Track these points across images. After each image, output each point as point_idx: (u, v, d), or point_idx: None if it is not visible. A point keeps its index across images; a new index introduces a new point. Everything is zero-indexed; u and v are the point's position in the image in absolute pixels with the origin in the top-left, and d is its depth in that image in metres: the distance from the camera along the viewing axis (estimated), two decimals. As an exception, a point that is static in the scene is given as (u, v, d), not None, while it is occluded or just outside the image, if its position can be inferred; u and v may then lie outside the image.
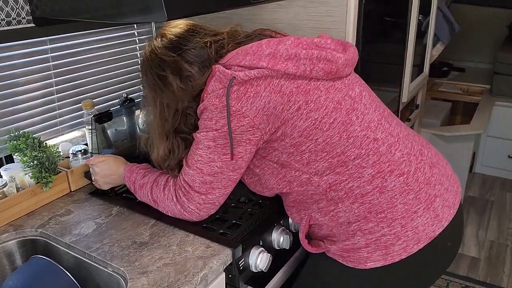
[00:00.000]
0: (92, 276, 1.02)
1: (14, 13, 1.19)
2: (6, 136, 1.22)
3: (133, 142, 1.48)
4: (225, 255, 0.99)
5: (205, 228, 1.08)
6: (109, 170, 1.18)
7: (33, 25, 1.23)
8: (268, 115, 0.92)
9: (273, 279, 1.15)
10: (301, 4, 1.43)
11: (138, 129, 1.55)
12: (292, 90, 0.92)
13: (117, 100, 1.55)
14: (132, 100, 1.50)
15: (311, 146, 0.93)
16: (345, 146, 0.93)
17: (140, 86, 1.57)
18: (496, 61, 3.14)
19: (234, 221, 1.11)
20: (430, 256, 0.98)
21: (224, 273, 1.02)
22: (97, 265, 1.00)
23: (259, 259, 1.06)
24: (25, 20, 1.22)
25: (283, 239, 1.13)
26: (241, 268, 1.04)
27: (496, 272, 2.34)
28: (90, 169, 1.22)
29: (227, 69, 0.94)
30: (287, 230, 1.16)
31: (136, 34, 1.64)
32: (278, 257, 1.16)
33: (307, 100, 0.92)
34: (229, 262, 1.00)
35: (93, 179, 1.22)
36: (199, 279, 0.92)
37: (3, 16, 1.17)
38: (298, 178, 0.98)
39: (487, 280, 2.28)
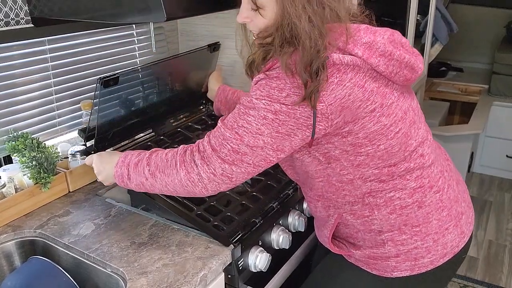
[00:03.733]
0: (91, 277, 1.01)
1: (13, 13, 1.19)
2: (5, 136, 1.22)
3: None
4: (224, 255, 0.99)
5: (198, 216, 1.08)
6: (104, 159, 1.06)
7: (32, 25, 1.22)
8: (344, 108, 0.83)
9: (273, 279, 1.15)
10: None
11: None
12: (373, 89, 0.85)
13: (116, 100, 1.55)
14: (131, 100, 1.50)
15: (370, 150, 0.89)
16: (400, 159, 0.91)
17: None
18: (494, 61, 3.15)
19: (228, 214, 1.11)
20: (450, 268, 1.02)
21: (223, 273, 1.02)
22: (96, 266, 0.99)
23: (258, 259, 1.05)
24: (23, 21, 1.22)
25: (282, 239, 1.13)
26: (240, 268, 1.04)
27: (495, 272, 2.34)
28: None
29: None
30: (287, 230, 1.16)
31: (135, 35, 1.64)
32: (278, 257, 1.15)
33: (383, 103, 0.87)
34: (228, 262, 1.00)
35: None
36: (199, 279, 0.92)
37: (2, 16, 1.17)
38: (340, 176, 0.93)
39: (485, 279, 2.28)
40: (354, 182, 0.93)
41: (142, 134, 1.39)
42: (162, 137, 1.40)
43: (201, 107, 1.59)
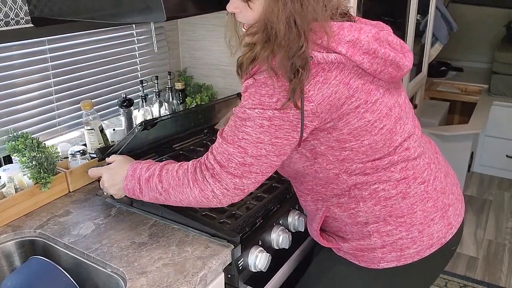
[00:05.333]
0: (91, 277, 1.01)
1: (13, 13, 1.19)
2: (5, 136, 1.22)
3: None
4: (224, 255, 0.99)
5: (205, 216, 1.10)
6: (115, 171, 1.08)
7: (32, 25, 1.22)
8: (331, 105, 0.85)
9: (273, 279, 1.15)
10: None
11: (136, 129, 1.55)
12: (358, 86, 0.86)
13: (116, 100, 1.55)
14: (130, 100, 1.50)
15: (355, 146, 0.90)
16: (384, 153, 0.93)
17: (139, 86, 1.56)
18: (494, 61, 3.15)
19: (233, 212, 1.13)
20: (438, 260, 1.02)
21: (223, 273, 1.02)
22: (96, 266, 0.99)
23: (258, 259, 1.06)
24: (23, 20, 1.22)
25: (282, 239, 1.13)
26: (240, 268, 1.04)
27: (494, 271, 2.35)
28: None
29: None
30: (286, 230, 1.17)
31: (135, 34, 1.64)
32: (277, 256, 1.16)
33: (367, 100, 0.88)
34: (228, 262, 1.01)
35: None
36: (198, 279, 0.92)
37: (1, 16, 1.17)
38: (326, 171, 0.95)
39: (485, 279, 2.29)
40: (340, 176, 0.95)
41: (147, 157, 1.38)
42: (163, 158, 1.40)
43: (202, 134, 1.57)
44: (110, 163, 1.11)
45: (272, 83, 0.83)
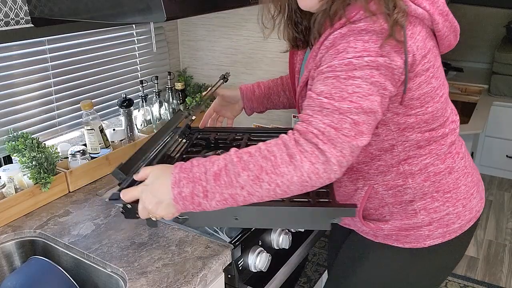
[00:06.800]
0: (91, 277, 1.01)
1: (13, 13, 1.19)
2: (5, 136, 1.22)
3: (131, 143, 1.48)
4: (224, 255, 0.99)
5: None
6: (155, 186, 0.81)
7: (32, 25, 1.22)
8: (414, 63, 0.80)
9: (273, 279, 1.15)
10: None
11: (136, 129, 1.55)
12: (430, 47, 0.83)
13: (116, 100, 1.55)
14: (130, 100, 1.50)
15: (420, 112, 0.86)
16: (439, 124, 0.91)
17: (139, 87, 1.56)
18: (494, 61, 3.15)
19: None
20: (471, 233, 1.03)
21: (223, 273, 1.02)
22: (96, 266, 0.99)
23: (258, 259, 1.06)
24: (23, 21, 1.22)
25: (282, 239, 1.13)
26: (240, 268, 1.04)
27: (494, 271, 2.34)
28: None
29: None
30: (286, 230, 1.16)
31: (135, 34, 1.64)
32: (277, 257, 1.16)
33: (435, 64, 0.85)
34: (228, 262, 1.00)
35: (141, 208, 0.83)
36: (198, 279, 0.92)
37: (1, 16, 1.17)
38: (382, 142, 0.90)
39: (485, 279, 2.28)
40: (395, 149, 0.91)
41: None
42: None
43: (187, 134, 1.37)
44: (143, 181, 0.84)
45: (373, 28, 0.76)
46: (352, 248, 1.06)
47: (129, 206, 0.85)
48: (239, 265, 1.03)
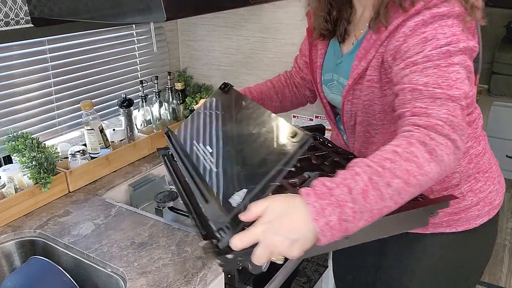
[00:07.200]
0: (91, 277, 1.01)
1: (13, 14, 1.19)
2: (5, 136, 1.22)
3: (131, 143, 1.48)
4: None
5: None
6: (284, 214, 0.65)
7: (32, 25, 1.22)
8: None
9: (273, 279, 1.15)
10: (300, 4, 1.43)
11: (136, 129, 1.55)
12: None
13: (116, 100, 1.55)
14: (130, 100, 1.50)
15: (468, 95, 0.86)
16: (472, 108, 0.96)
17: (139, 87, 1.56)
18: (494, 61, 3.15)
19: None
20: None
21: (223, 273, 1.02)
22: (96, 266, 0.99)
23: (258, 259, 1.05)
24: (23, 21, 1.22)
25: (282, 239, 1.13)
26: (240, 268, 1.04)
27: (494, 271, 2.34)
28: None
29: None
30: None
31: (135, 34, 1.64)
32: (277, 257, 1.15)
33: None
34: (228, 262, 1.00)
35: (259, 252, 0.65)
36: (198, 279, 0.92)
37: (2, 16, 1.17)
38: None
39: (485, 279, 2.28)
40: None
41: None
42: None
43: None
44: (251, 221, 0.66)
45: (454, 13, 0.78)
46: (403, 248, 1.04)
47: (229, 256, 0.66)
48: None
